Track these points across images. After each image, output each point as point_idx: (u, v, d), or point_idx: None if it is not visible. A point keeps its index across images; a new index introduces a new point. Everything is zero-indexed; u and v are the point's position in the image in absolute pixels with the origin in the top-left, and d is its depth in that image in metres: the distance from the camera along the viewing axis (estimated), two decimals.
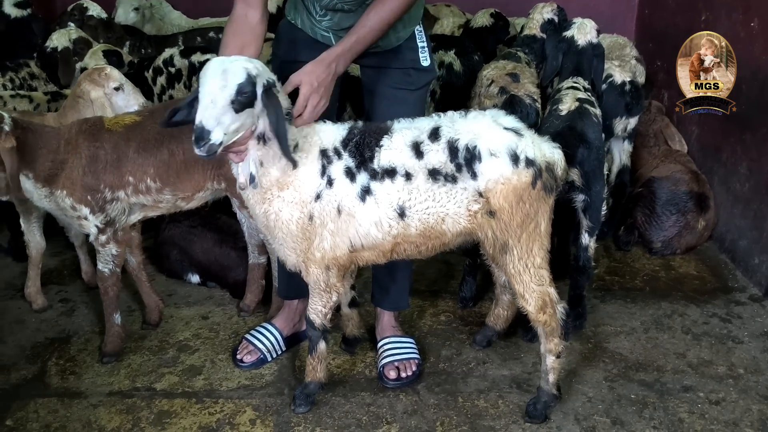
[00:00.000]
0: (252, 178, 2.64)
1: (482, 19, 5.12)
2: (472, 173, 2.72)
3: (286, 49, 3.31)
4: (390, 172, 2.73)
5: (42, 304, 4.01)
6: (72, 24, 5.16)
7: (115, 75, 3.74)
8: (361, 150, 2.75)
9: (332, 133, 2.79)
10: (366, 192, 2.73)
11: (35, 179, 3.16)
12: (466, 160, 2.72)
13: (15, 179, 3.03)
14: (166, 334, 3.81)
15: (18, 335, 3.79)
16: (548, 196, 2.85)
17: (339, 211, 2.74)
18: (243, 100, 2.46)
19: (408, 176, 2.74)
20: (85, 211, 3.26)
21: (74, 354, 3.63)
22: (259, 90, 2.51)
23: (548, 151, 2.84)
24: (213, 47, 4.98)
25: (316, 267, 2.84)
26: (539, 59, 4.42)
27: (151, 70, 4.87)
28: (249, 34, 2.84)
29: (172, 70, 4.82)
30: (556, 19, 4.48)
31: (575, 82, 3.87)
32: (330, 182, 2.73)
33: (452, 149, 2.72)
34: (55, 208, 3.31)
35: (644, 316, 3.95)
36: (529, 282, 2.89)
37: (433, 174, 2.74)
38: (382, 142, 2.76)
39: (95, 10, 5.42)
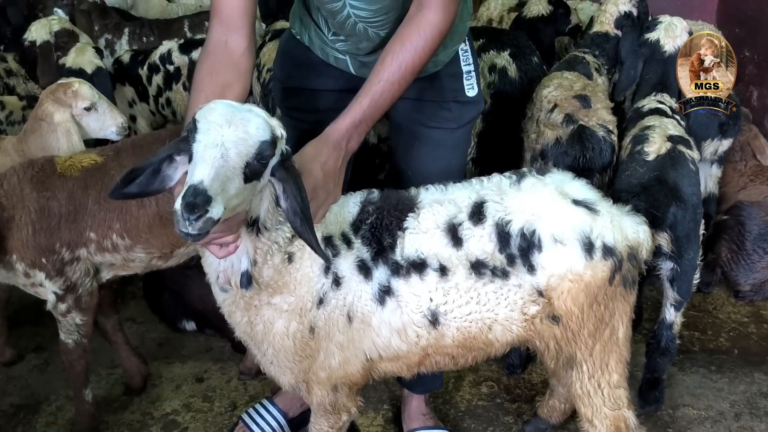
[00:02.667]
0: (247, 279, 1.94)
1: (538, 6, 4.24)
2: (530, 266, 2.05)
3: (289, 72, 2.57)
4: (418, 266, 2.05)
5: (10, 357, 3.44)
6: (59, 11, 4.42)
7: (85, 92, 3.05)
8: (379, 235, 2.06)
9: (339, 213, 2.06)
10: (386, 292, 2.05)
11: None
12: (521, 249, 2.04)
13: None
14: (151, 402, 3.22)
15: None
16: (629, 291, 2.17)
17: (350, 319, 2.06)
18: (258, 167, 1.73)
19: (442, 271, 2.05)
20: (40, 276, 2.63)
21: (41, 429, 3.04)
22: (274, 159, 1.79)
23: (631, 231, 2.14)
24: None
25: (321, 388, 2.16)
26: (611, 63, 3.58)
27: (145, 67, 4.15)
28: (232, 70, 2.09)
29: (170, 68, 4.10)
30: (635, 12, 3.61)
31: (660, 102, 3.09)
32: (337, 281, 2.03)
33: (502, 234, 2.04)
34: (5, 278, 2.66)
35: (734, 395, 3.21)
36: (601, 406, 2.21)
37: (477, 268, 2.05)
38: (406, 224, 2.07)
39: None
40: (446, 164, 2.56)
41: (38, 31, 4.08)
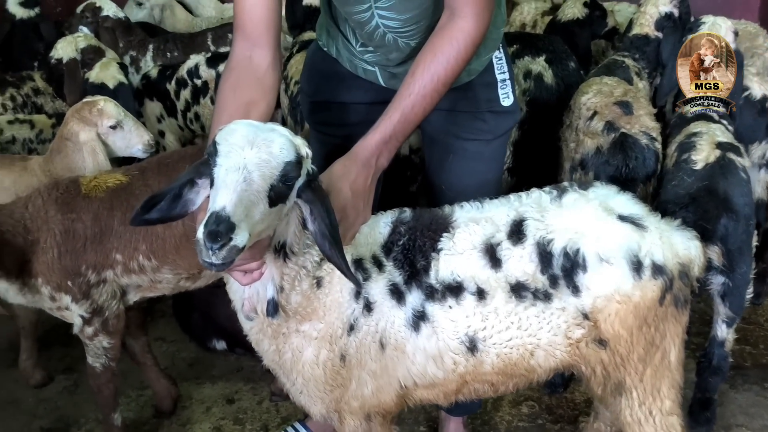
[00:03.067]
0: (273, 307, 1.84)
1: (573, 9, 4.09)
2: (574, 288, 1.92)
3: (317, 85, 2.48)
4: (454, 289, 1.93)
5: (40, 380, 3.39)
6: (84, 28, 4.39)
7: (111, 110, 2.98)
8: (412, 257, 1.95)
9: (369, 234, 1.95)
10: (420, 318, 1.93)
11: (6, 275, 2.47)
12: (564, 269, 1.91)
13: None
14: (182, 425, 3.15)
15: (8, 421, 3.20)
16: (681, 312, 2.02)
17: (382, 346, 1.95)
18: (283, 189, 1.63)
19: (480, 294, 1.93)
20: (66, 299, 2.57)
21: None
22: (300, 180, 1.69)
23: (682, 248, 2.00)
24: None
25: (354, 418, 2.05)
26: (652, 67, 3.42)
27: (173, 82, 4.09)
28: (256, 87, 2.00)
29: (198, 82, 4.04)
30: (676, 13, 3.44)
31: None
32: (368, 306, 1.93)
33: (544, 254, 1.92)
34: (32, 302, 2.61)
35: None
36: None
37: (517, 290, 1.93)
38: (440, 244, 1.95)
39: (110, 9, 4.62)
40: (482, 177, 2.44)
41: (64, 49, 4.04)
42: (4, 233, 2.41)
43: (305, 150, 1.69)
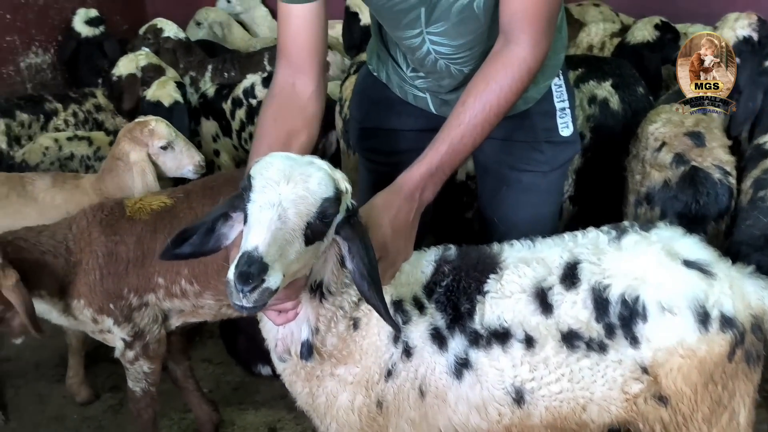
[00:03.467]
0: (308, 349, 1.75)
1: (643, 31, 3.91)
2: (632, 339, 1.76)
3: (366, 111, 2.40)
4: (500, 336, 1.80)
5: (86, 397, 3.39)
6: (146, 49, 4.44)
7: (162, 130, 2.97)
8: (455, 299, 1.83)
9: (411, 273, 1.84)
10: (463, 365, 1.81)
11: (49, 296, 2.46)
12: (621, 318, 1.76)
13: (32, 318, 2.30)
14: None
15: None
16: (752, 369, 1.84)
17: (422, 393, 1.83)
18: (321, 227, 1.54)
19: (529, 342, 1.80)
20: (108, 322, 2.54)
21: None
22: (339, 216, 1.60)
23: (755, 298, 1.82)
24: None
25: None
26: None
27: (229, 101, 4.08)
28: (298, 116, 1.92)
29: (253, 102, 4.01)
30: (755, 37, 3.24)
31: None
32: (407, 351, 1.81)
33: (599, 301, 1.77)
34: (74, 324, 2.59)
35: None
36: None
37: (569, 339, 1.78)
38: (486, 287, 1.82)
39: (171, 31, 4.68)
40: (537, 211, 2.31)
41: (126, 66, 4.10)
42: (45, 254, 2.39)
43: (344, 184, 1.60)
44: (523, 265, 1.83)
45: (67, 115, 4.10)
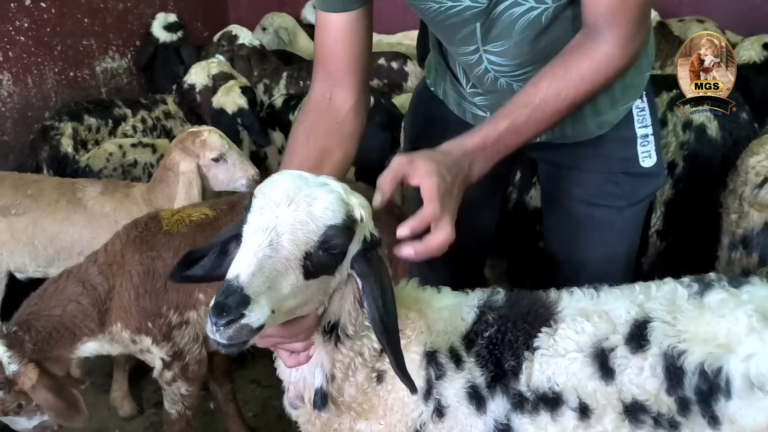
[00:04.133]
0: (322, 398, 1.54)
1: (749, 51, 3.55)
2: (711, 418, 1.45)
3: (420, 130, 2.18)
4: (550, 401, 1.53)
5: (129, 412, 3.31)
6: (220, 56, 4.38)
7: (214, 142, 2.84)
8: (499, 354, 1.57)
9: (449, 317, 1.59)
10: (504, 431, 1.54)
11: (89, 336, 2.40)
12: (699, 392, 1.45)
13: (62, 413, 2.22)
14: None
15: None
16: None
17: None
18: (325, 258, 1.34)
19: (584, 411, 1.52)
20: (147, 341, 2.43)
21: None
22: (355, 247, 1.40)
23: None
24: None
25: None
26: None
27: (296, 113, 3.93)
28: (333, 133, 1.73)
29: None
30: None
31: None
32: (439, 410, 1.56)
33: (672, 370, 1.47)
34: (118, 349, 2.49)
35: None
36: None
37: (633, 412, 1.49)
38: (537, 341, 1.55)
39: (246, 38, 4.62)
40: (609, 251, 2.03)
41: (197, 74, 4.05)
42: (68, 305, 2.34)
43: (360, 212, 1.38)
44: (583, 318, 1.56)
45: (136, 121, 4.08)
